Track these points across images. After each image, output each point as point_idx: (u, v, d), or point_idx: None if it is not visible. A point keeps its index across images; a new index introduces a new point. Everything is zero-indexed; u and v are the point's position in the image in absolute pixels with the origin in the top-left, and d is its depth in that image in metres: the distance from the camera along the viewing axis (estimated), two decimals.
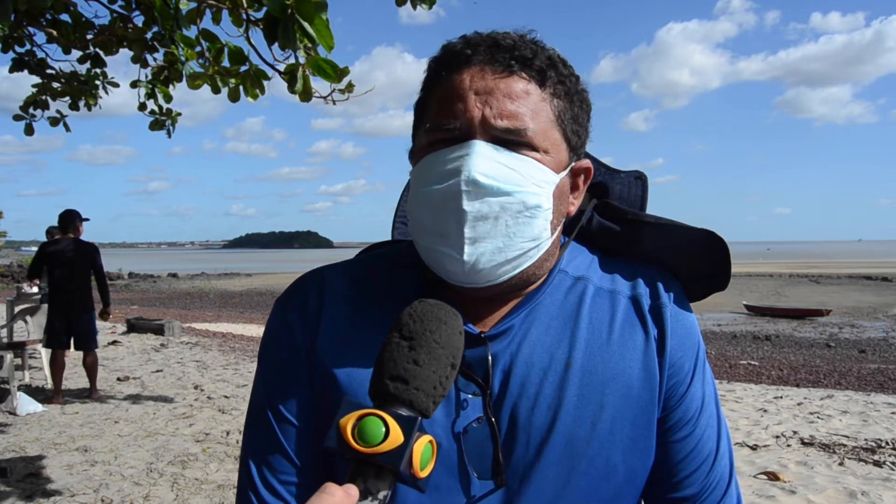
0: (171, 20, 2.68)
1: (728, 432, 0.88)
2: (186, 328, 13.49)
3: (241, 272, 54.75)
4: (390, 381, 0.59)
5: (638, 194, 0.94)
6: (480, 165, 0.73)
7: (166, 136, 3.69)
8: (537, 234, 0.78)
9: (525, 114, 0.76)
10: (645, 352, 0.82)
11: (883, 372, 10.86)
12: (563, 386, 0.78)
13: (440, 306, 0.64)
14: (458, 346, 0.63)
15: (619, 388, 0.79)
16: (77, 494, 4.17)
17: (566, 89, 0.81)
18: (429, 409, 0.60)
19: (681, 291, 0.88)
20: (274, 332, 0.88)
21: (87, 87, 3.62)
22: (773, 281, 38.20)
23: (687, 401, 0.83)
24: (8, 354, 6.37)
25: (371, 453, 0.56)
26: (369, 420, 0.56)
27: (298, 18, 1.63)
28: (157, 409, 6.41)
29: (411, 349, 0.61)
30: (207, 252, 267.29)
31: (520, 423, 0.78)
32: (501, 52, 0.77)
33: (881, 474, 4.55)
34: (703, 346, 0.87)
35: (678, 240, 0.87)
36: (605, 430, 0.78)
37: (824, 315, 20.99)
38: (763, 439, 5.46)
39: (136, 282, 40.78)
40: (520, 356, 0.80)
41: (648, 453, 0.82)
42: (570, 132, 0.81)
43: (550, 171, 0.78)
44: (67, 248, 6.55)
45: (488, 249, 0.75)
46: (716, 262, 0.87)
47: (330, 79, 2.12)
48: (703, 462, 0.84)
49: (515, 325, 0.81)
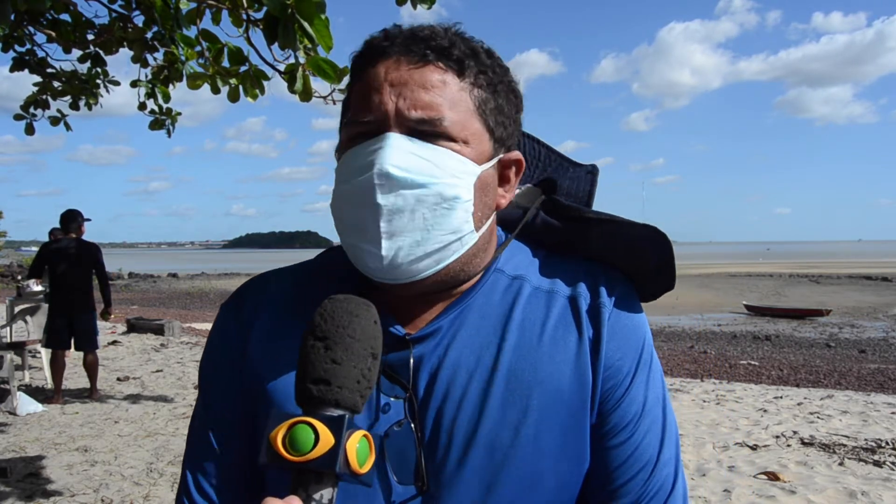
0: (170, 20, 2.68)
1: (676, 438, 0.84)
2: (186, 328, 13.49)
3: (241, 272, 54.75)
4: (313, 385, 0.59)
5: (586, 189, 0.90)
6: (394, 158, 0.72)
7: (166, 135, 3.69)
8: (457, 227, 0.75)
9: (441, 104, 0.74)
10: (577, 354, 0.78)
11: (883, 372, 10.86)
12: (487, 389, 0.76)
13: (350, 300, 0.63)
14: (375, 336, 0.62)
15: (546, 392, 0.76)
16: (77, 494, 4.17)
17: (488, 79, 0.79)
18: (357, 403, 0.59)
19: (627, 291, 0.84)
20: (212, 336, 0.88)
21: (87, 87, 3.62)
22: (773, 281, 38.19)
23: (625, 405, 0.79)
24: (8, 354, 6.37)
25: (304, 461, 0.55)
26: (298, 428, 0.56)
27: (298, 18, 1.63)
28: (157, 409, 6.41)
29: (327, 349, 0.60)
30: (207, 252, 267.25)
31: (443, 428, 0.75)
32: (417, 42, 0.76)
33: (881, 474, 4.55)
34: (649, 346, 0.83)
35: (622, 236, 0.84)
36: (530, 436, 0.75)
37: (824, 315, 20.98)
38: (763, 439, 5.46)
39: (136, 282, 40.78)
40: (447, 359, 0.77)
41: (580, 460, 0.78)
42: (493, 123, 0.79)
43: (470, 162, 0.76)
44: (70, 247, 6.54)
45: (406, 243, 0.74)
46: (661, 259, 0.83)
47: (330, 79, 2.12)
48: (640, 469, 0.79)
49: (444, 326, 0.79)
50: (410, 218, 0.73)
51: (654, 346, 0.86)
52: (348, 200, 0.76)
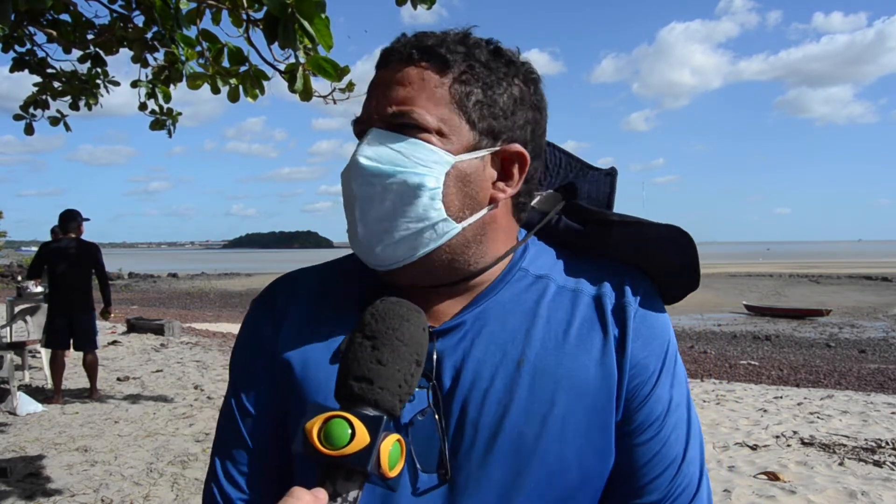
0: (170, 20, 2.68)
1: (700, 438, 0.85)
2: (186, 328, 13.48)
3: (241, 272, 54.76)
4: (355, 382, 0.59)
5: (605, 192, 0.92)
6: (366, 150, 0.78)
7: (167, 135, 3.69)
8: (423, 214, 0.77)
9: (414, 97, 0.78)
10: (603, 352, 0.80)
11: (883, 372, 10.86)
12: (513, 383, 0.77)
13: (402, 304, 0.64)
14: (421, 343, 0.63)
15: (571, 388, 0.78)
16: (77, 494, 4.17)
17: (477, 74, 0.81)
18: (395, 407, 0.60)
19: (651, 291, 0.85)
20: (243, 330, 0.91)
21: (87, 87, 3.62)
22: (773, 281, 38.19)
23: (651, 402, 0.80)
24: (8, 354, 6.37)
25: (338, 456, 0.55)
26: (335, 422, 0.56)
27: (299, 18, 1.63)
28: (157, 409, 6.41)
29: (374, 349, 0.60)
30: (207, 252, 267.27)
31: (468, 419, 0.77)
32: (409, 46, 0.81)
33: (881, 474, 4.55)
34: (673, 347, 0.84)
35: (646, 238, 0.85)
36: (556, 428, 0.77)
37: (824, 315, 20.99)
38: (763, 439, 5.46)
39: (136, 282, 40.79)
40: (472, 352, 0.79)
41: (605, 455, 0.80)
42: (476, 116, 0.80)
43: (443, 152, 0.78)
44: (69, 247, 6.54)
45: (377, 230, 0.78)
46: (684, 260, 0.85)
47: (330, 77, 2.12)
48: (667, 467, 0.80)
49: (468, 321, 0.81)
50: (380, 206, 0.78)
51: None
52: (343, 195, 0.83)
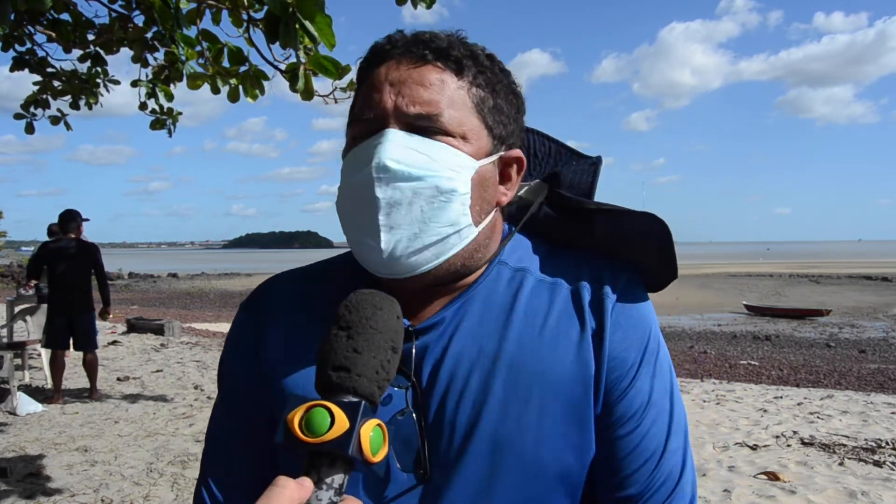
0: (171, 20, 2.68)
1: (685, 429, 0.84)
2: (186, 328, 13.48)
3: (241, 272, 54.76)
4: (333, 372, 0.60)
5: (587, 181, 0.90)
6: (391, 151, 0.74)
7: (167, 135, 3.69)
8: (454, 220, 0.77)
9: (439, 101, 0.77)
10: (579, 345, 0.79)
11: (883, 372, 10.86)
12: (489, 380, 0.77)
13: (374, 294, 0.65)
14: (396, 330, 0.64)
15: (547, 383, 0.77)
16: (77, 494, 4.17)
17: (487, 80, 0.81)
18: (374, 393, 0.61)
19: (632, 281, 0.84)
20: (231, 335, 0.91)
21: (87, 86, 3.61)
22: (773, 281, 38.19)
23: (630, 395, 0.79)
24: (8, 354, 6.37)
25: (319, 443, 0.56)
26: (315, 411, 0.57)
27: (299, 17, 1.63)
28: (157, 409, 6.41)
29: (349, 338, 0.62)
30: (207, 252, 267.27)
31: (445, 417, 0.77)
32: (417, 44, 0.79)
33: (881, 474, 4.55)
34: (655, 338, 0.83)
35: (623, 226, 0.84)
36: (532, 425, 0.76)
37: (824, 315, 20.99)
38: (763, 439, 5.46)
39: (136, 282, 40.79)
40: (450, 349, 0.79)
41: (583, 449, 0.79)
42: (491, 121, 0.81)
43: (467, 157, 0.78)
44: (68, 247, 6.54)
45: (404, 236, 0.75)
46: (660, 247, 0.83)
47: (332, 76, 2.12)
48: (647, 460, 0.79)
49: (447, 317, 0.80)
50: (408, 210, 0.75)
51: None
52: (350, 196, 0.78)
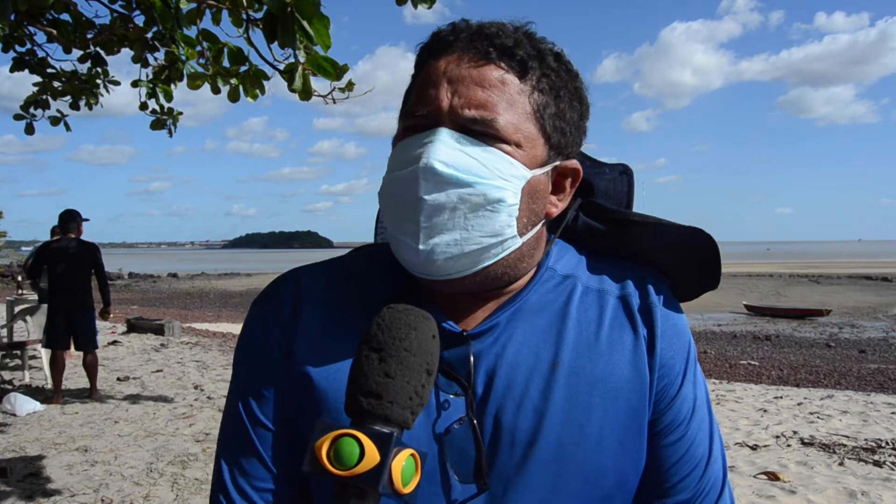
0: (171, 20, 2.68)
1: (720, 436, 0.86)
2: (186, 328, 13.48)
3: (241, 272, 54.76)
4: (363, 398, 0.57)
5: (623, 191, 0.90)
6: (441, 153, 0.71)
7: (168, 135, 3.69)
8: (498, 230, 0.73)
9: (496, 104, 0.73)
10: (634, 352, 0.79)
11: (883, 372, 10.85)
12: (549, 387, 0.75)
13: (409, 311, 0.61)
14: (432, 352, 0.61)
15: (607, 390, 0.76)
16: (77, 494, 4.17)
17: (551, 83, 0.77)
18: (407, 420, 0.58)
19: (671, 291, 0.85)
20: (249, 334, 0.85)
21: (87, 87, 3.61)
22: (773, 281, 38.19)
23: (678, 403, 0.80)
24: None
25: (348, 476, 0.54)
26: (344, 441, 0.55)
27: (298, 17, 1.63)
28: (157, 409, 6.41)
29: (381, 361, 0.58)
30: (207, 252, 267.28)
31: (504, 426, 0.75)
32: (481, 39, 0.75)
33: (881, 474, 4.55)
34: (693, 347, 0.84)
35: (666, 238, 0.84)
36: (594, 433, 0.75)
37: (824, 315, 20.99)
38: (763, 439, 5.46)
39: (136, 282, 40.81)
40: (504, 356, 0.77)
41: (639, 457, 0.79)
42: (550, 129, 0.77)
43: (521, 166, 0.74)
44: (69, 247, 6.54)
45: (444, 241, 0.72)
46: (705, 260, 0.84)
47: (330, 76, 2.12)
48: (695, 466, 0.80)
49: (500, 323, 0.78)
50: (451, 216, 0.72)
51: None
52: (393, 191, 0.75)
